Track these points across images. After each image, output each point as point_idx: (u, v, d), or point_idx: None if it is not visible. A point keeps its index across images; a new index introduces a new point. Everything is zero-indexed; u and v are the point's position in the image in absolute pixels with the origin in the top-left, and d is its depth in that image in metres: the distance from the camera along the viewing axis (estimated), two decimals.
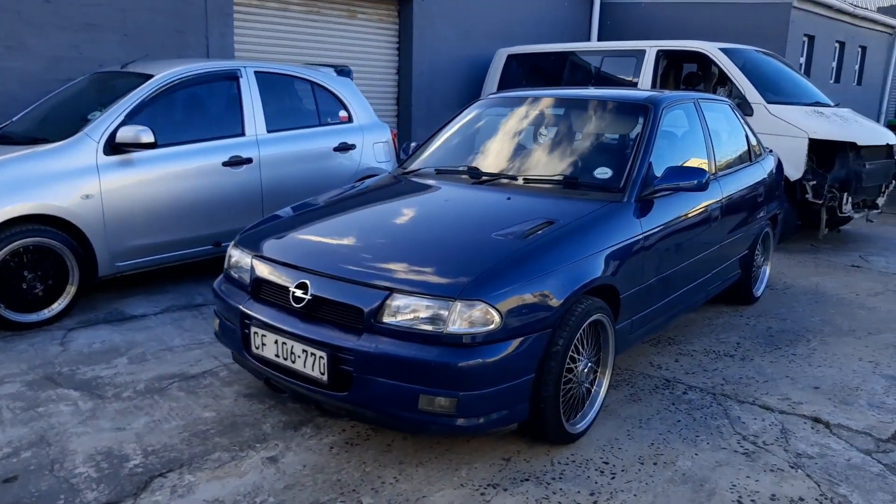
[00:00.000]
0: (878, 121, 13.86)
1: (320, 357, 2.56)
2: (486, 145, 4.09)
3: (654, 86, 7.68)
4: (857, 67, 12.73)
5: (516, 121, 4.14)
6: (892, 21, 13.44)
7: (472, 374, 2.44)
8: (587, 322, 2.86)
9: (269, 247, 2.98)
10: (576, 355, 2.86)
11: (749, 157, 4.84)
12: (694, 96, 4.36)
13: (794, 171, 6.50)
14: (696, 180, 3.39)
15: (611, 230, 3.11)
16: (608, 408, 3.28)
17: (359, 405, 2.52)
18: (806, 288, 5.52)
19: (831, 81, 11.73)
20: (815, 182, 6.54)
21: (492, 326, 2.48)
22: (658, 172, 3.52)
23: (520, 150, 3.90)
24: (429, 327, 2.47)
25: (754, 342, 4.26)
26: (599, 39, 11.72)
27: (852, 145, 6.57)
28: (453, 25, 9.55)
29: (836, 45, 11.69)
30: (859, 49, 12.65)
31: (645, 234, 3.29)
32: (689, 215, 3.73)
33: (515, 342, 2.54)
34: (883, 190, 7.31)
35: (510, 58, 9.18)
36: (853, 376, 3.78)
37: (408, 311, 2.50)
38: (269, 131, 5.19)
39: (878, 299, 5.27)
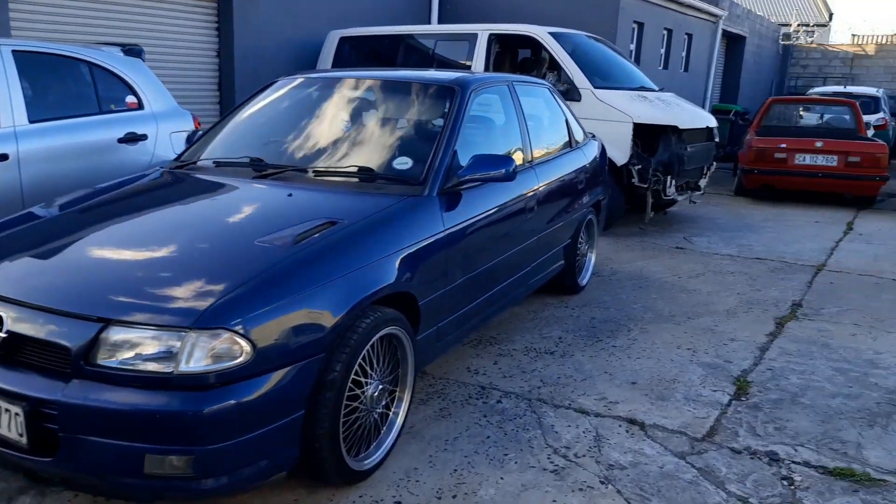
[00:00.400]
0: (703, 105, 14.68)
1: (16, 413, 1.97)
2: (278, 132, 3.59)
3: (486, 70, 7.47)
4: (683, 54, 13.37)
5: (315, 104, 3.67)
6: (716, 10, 14.23)
7: (215, 422, 1.96)
8: (376, 338, 2.47)
9: None
10: (362, 378, 2.46)
11: (570, 142, 4.67)
12: (509, 78, 4.09)
13: (621, 155, 6.51)
14: (504, 169, 3.09)
15: (407, 228, 2.73)
16: (413, 429, 2.92)
17: (71, 472, 1.97)
18: (631, 273, 5.50)
19: (660, 68, 12.21)
20: (640, 166, 6.59)
21: (240, 360, 2.01)
22: (466, 162, 3.18)
23: (315, 138, 3.43)
24: (157, 367, 1.96)
25: (576, 335, 4.09)
26: (440, 23, 11.45)
27: (674, 129, 6.68)
28: (280, 4, 8.86)
29: (665, 32, 12.18)
30: (686, 36, 13.29)
31: (449, 231, 2.95)
32: (502, 207, 3.44)
33: (276, 376, 2.09)
34: (705, 172, 7.56)
35: (343, 40, 8.65)
36: (671, 366, 3.67)
37: (128, 347, 1.97)
38: (31, 121, 4.36)
39: (699, 281, 5.33)
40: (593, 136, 5.38)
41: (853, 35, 24.77)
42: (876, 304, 4.82)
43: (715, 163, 7.76)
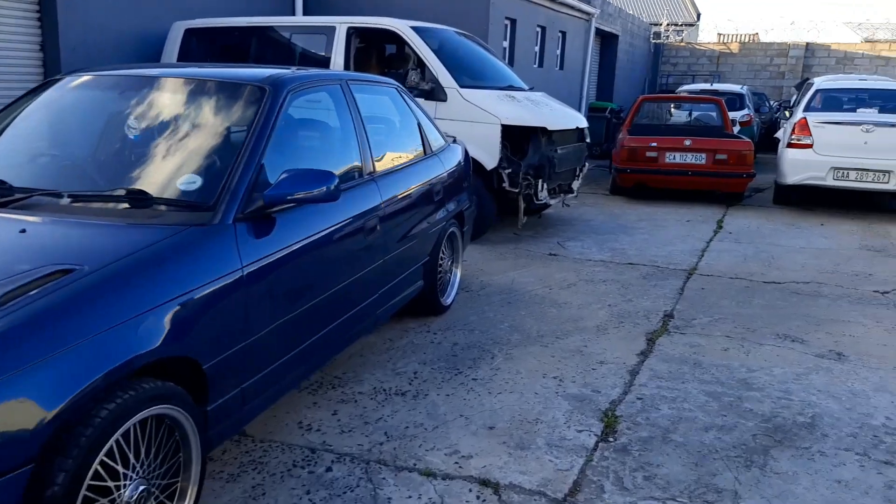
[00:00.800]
0: (580, 104, 14.75)
1: None
2: (41, 145, 2.86)
3: (346, 66, 6.88)
4: (558, 52, 13.30)
5: (94, 109, 2.97)
6: (588, 7, 14.30)
7: None
8: (132, 423, 1.85)
9: None
10: (111, 483, 1.83)
11: (424, 149, 4.18)
12: (342, 77, 3.53)
13: (490, 159, 6.11)
14: (324, 187, 2.55)
15: (184, 270, 2.12)
16: None
17: None
18: (502, 286, 5.09)
19: (535, 66, 12.05)
20: (510, 170, 6.22)
21: None
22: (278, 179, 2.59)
23: (85, 152, 2.74)
24: None
25: (434, 368, 3.60)
26: (306, 13, 10.71)
27: (544, 130, 6.36)
28: None
29: (538, 29, 12.02)
30: (560, 34, 13.23)
31: (251, 268, 2.36)
32: (332, 231, 2.88)
33: None
34: (577, 174, 7.32)
35: (189, 33, 7.79)
36: (535, 402, 3.25)
37: None
38: None
39: (570, 292, 5.00)
40: (454, 140, 4.93)
41: (719, 34, 26.04)
42: (747, 312, 4.64)
43: (588, 164, 7.54)
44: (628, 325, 4.33)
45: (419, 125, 4.23)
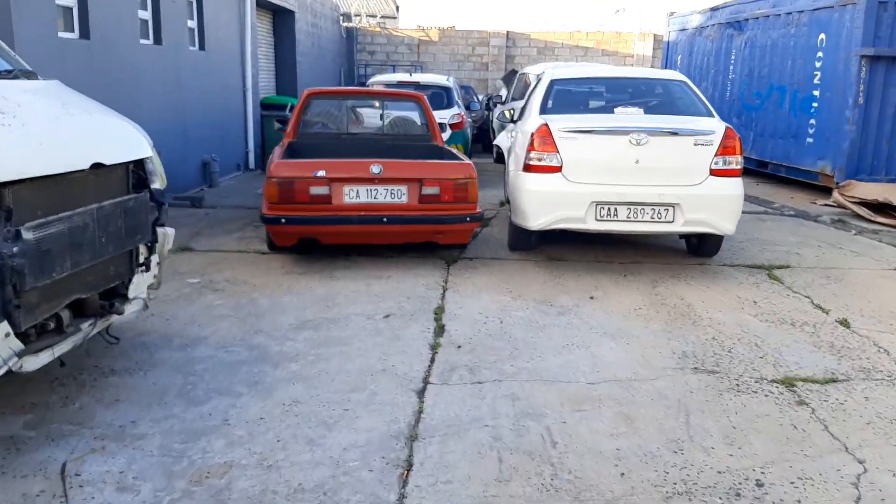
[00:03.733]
0: (244, 98, 10.65)
1: None
2: None
3: None
4: (192, 24, 9.11)
5: None
6: None
7: None
8: None
9: None
10: None
11: None
12: None
13: None
14: None
15: None
16: None
17: None
18: None
19: (145, 41, 7.73)
20: None
21: None
22: None
23: None
24: None
25: None
26: None
27: None
28: None
29: None
30: (192, 1, 9.04)
31: None
32: None
33: None
34: (139, 264, 3.31)
35: None
36: None
37: None
38: None
39: None
40: None
41: (419, 25, 23.84)
42: None
43: (168, 231, 3.57)
44: None
45: None
